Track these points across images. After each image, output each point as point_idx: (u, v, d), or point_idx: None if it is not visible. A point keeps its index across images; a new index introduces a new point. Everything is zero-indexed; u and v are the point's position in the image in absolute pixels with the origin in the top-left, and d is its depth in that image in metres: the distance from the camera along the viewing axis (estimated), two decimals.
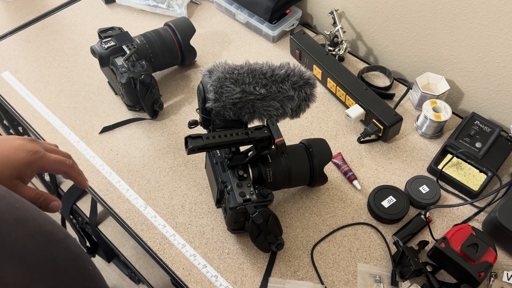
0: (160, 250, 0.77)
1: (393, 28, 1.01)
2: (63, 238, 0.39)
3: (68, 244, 0.40)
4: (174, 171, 0.88)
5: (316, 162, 0.77)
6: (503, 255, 0.77)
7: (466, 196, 0.84)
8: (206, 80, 0.69)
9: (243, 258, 0.76)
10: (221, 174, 0.71)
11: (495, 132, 0.88)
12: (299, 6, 1.16)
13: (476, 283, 0.69)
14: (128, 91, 0.90)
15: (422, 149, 0.91)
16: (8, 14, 1.20)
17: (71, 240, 0.41)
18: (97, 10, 1.21)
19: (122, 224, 0.81)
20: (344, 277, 0.74)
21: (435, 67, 0.99)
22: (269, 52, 1.11)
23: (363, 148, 0.92)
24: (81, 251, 0.41)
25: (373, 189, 0.83)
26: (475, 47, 0.89)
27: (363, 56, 1.13)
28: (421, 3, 0.91)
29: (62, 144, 0.92)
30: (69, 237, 0.41)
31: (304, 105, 0.70)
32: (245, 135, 0.67)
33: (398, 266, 0.73)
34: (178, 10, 1.17)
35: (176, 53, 0.99)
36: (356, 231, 0.80)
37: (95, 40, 1.07)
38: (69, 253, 0.39)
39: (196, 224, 0.81)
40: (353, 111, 0.91)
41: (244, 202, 0.68)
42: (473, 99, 0.97)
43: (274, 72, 0.68)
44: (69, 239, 0.40)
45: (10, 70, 1.06)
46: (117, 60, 0.89)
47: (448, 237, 0.72)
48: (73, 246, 0.40)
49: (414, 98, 0.97)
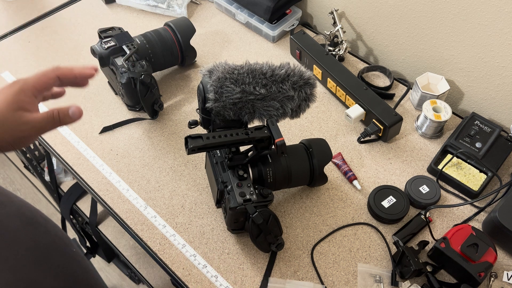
0: (160, 250, 0.77)
1: (393, 28, 1.01)
2: (42, 223, 0.41)
3: (48, 228, 0.41)
4: (174, 171, 0.88)
5: (316, 162, 0.77)
6: (503, 255, 0.77)
7: (466, 196, 0.84)
8: (206, 80, 0.69)
9: (243, 258, 0.76)
10: (221, 174, 0.71)
11: (495, 132, 0.88)
12: (299, 6, 1.16)
13: (476, 283, 0.69)
14: (128, 91, 0.90)
15: (422, 149, 0.91)
16: (8, 14, 1.20)
17: (51, 224, 0.42)
18: (97, 10, 1.21)
19: (122, 224, 0.81)
20: (344, 277, 0.74)
21: (435, 67, 0.99)
22: (269, 52, 1.11)
23: (363, 148, 0.92)
24: (62, 234, 0.43)
25: (373, 189, 0.83)
26: (475, 47, 0.89)
27: (363, 56, 1.13)
28: (421, 3, 0.91)
29: (62, 144, 0.92)
30: (50, 222, 0.42)
31: (304, 105, 0.70)
32: (245, 135, 0.67)
33: (398, 266, 0.73)
34: (178, 10, 1.17)
35: (176, 53, 0.99)
36: (356, 231, 0.80)
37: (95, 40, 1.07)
38: (49, 236, 0.40)
39: (196, 224, 0.81)
40: (353, 111, 0.91)
41: (244, 202, 0.68)
42: (473, 99, 0.97)
43: (274, 72, 0.68)
44: (49, 224, 0.42)
45: (10, 70, 1.06)
46: (117, 60, 0.89)
47: (448, 237, 0.72)
48: (53, 230, 0.42)
49: (414, 98, 0.97)
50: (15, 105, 0.49)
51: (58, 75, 0.53)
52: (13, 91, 0.49)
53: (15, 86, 0.50)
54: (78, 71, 0.55)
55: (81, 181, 0.87)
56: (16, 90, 0.50)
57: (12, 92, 0.49)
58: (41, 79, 0.52)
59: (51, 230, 0.41)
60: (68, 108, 0.52)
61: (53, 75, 0.53)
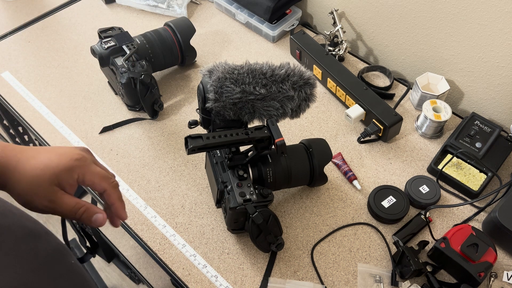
0: (160, 250, 0.77)
1: (393, 28, 1.01)
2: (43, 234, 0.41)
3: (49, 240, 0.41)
4: (174, 171, 0.88)
5: (316, 162, 0.77)
6: (503, 255, 0.77)
7: (466, 196, 0.84)
8: (206, 80, 0.69)
9: (243, 258, 0.76)
10: (221, 174, 0.71)
11: (495, 132, 0.88)
12: (299, 6, 1.16)
13: (476, 283, 0.69)
14: (128, 91, 0.90)
15: (422, 149, 0.91)
16: (8, 14, 1.20)
17: (52, 237, 0.42)
18: (97, 10, 1.21)
19: (122, 224, 0.81)
20: (344, 277, 0.74)
21: (435, 67, 0.99)
22: (269, 52, 1.11)
23: (363, 148, 0.92)
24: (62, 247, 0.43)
25: (373, 189, 0.83)
26: (475, 47, 0.89)
27: (363, 56, 1.13)
28: (421, 3, 0.91)
29: (62, 144, 0.92)
30: (50, 234, 0.42)
31: (304, 105, 0.70)
32: (245, 135, 0.67)
33: (398, 266, 0.73)
34: (178, 10, 1.17)
35: (176, 53, 0.99)
36: (356, 231, 0.80)
37: (95, 40, 1.07)
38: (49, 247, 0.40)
39: (196, 224, 0.81)
40: (353, 111, 0.91)
41: (244, 202, 0.68)
42: (473, 99, 0.97)
43: (274, 72, 0.68)
44: (50, 236, 0.42)
45: (10, 70, 1.06)
46: (117, 60, 0.89)
47: (448, 237, 0.72)
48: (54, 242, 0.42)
49: (414, 98, 0.97)
50: (57, 180, 0.46)
51: (107, 190, 0.50)
52: (69, 164, 0.47)
53: (76, 162, 0.48)
54: (119, 208, 0.52)
55: None
56: (71, 166, 0.47)
57: (66, 165, 0.47)
58: (95, 178, 0.49)
59: (51, 242, 0.41)
60: (95, 212, 0.49)
61: (106, 186, 0.50)
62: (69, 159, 0.48)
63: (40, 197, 0.45)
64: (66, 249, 0.43)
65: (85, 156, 0.50)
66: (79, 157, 0.49)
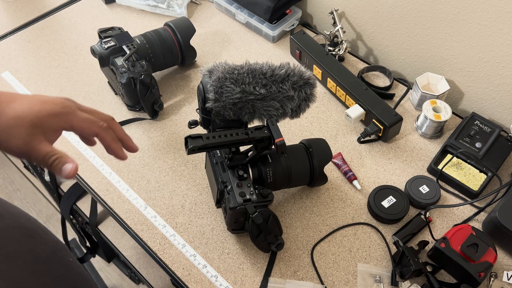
0: (160, 250, 0.77)
1: (393, 28, 1.01)
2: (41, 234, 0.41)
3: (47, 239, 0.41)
4: (174, 171, 0.88)
5: (316, 162, 0.77)
6: (503, 255, 0.77)
7: (466, 196, 0.84)
8: (206, 80, 0.69)
9: (243, 258, 0.76)
10: (221, 174, 0.71)
11: (495, 132, 0.88)
12: (299, 6, 1.16)
13: (476, 283, 0.69)
14: (128, 91, 0.90)
15: (422, 149, 0.91)
16: (8, 14, 1.20)
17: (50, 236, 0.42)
18: (97, 10, 1.21)
19: (122, 224, 0.81)
20: (344, 277, 0.74)
21: (435, 67, 0.99)
22: (269, 52, 1.11)
23: (363, 148, 0.92)
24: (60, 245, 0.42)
25: (373, 189, 0.83)
26: (475, 47, 0.89)
27: (363, 56, 1.13)
28: (421, 3, 0.91)
29: (62, 144, 0.92)
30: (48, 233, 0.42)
31: (304, 105, 0.70)
32: (245, 135, 0.67)
33: (398, 266, 0.73)
34: (178, 10, 1.17)
35: (176, 53, 0.99)
36: (356, 231, 0.80)
37: (95, 40, 1.07)
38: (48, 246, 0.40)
39: (196, 224, 0.81)
40: (353, 111, 0.91)
41: (244, 202, 0.68)
42: (473, 99, 0.97)
43: (274, 72, 0.68)
44: (48, 235, 0.42)
45: (10, 70, 1.06)
46: (117, 60, 0.89)
47: (448, 237, 0.72)
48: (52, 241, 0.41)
49: (414, 98, 0.97)
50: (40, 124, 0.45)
51: (98, 133, 0.49)
52: (54, 110, 0.46)
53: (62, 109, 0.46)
54: (115, 147, 0.51)
55: (81, 181, 0.87)
56: (56, 112, 0.46)
57: (51, 111, 0.46)
58: (83, 124, 0.48)
59: (49, 241, 0.41)
60: (66, 162, 0.47)
61: (96, 130, 0.49)
62: (53, 105, 0.47)
63: (16, 138, 0.44)
64: (64, 246, 0.42)
65: (69, 103, 0.49)
66: (63, 105, 0.48)
